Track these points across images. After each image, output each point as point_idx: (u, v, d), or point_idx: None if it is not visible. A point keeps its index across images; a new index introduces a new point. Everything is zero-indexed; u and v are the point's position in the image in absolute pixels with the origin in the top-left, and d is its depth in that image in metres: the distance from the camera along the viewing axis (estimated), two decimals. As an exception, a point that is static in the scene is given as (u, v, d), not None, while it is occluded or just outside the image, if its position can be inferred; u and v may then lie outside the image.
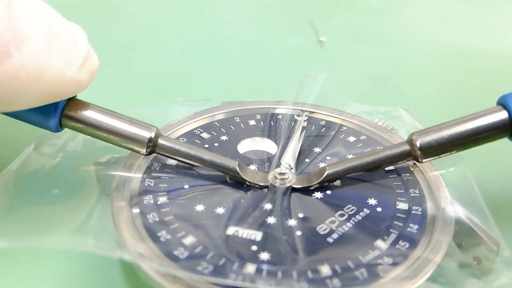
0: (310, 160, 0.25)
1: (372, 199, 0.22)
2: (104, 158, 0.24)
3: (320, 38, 0.42)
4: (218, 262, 0.19)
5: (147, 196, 0.22)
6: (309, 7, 0.48)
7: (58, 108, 0.22)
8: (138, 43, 0.41)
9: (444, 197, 0.22)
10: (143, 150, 0.23)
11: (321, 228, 0.21)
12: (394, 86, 0.37)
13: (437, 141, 0.22)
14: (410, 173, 0.24)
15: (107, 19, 0.44)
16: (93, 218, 0.21)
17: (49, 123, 0.22)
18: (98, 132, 0.22)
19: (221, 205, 0.22)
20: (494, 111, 0.22)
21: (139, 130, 0.23)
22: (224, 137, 0.26)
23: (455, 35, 0.43)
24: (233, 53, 0.40)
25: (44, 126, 0.23)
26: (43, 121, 0.22)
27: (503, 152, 0.27)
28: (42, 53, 0.19)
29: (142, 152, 0.23)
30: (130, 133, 0.22)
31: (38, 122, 0.22)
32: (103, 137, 0.23)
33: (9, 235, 0.21)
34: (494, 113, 0.22)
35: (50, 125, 0.22)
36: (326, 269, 0.19)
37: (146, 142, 0.23)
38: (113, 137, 0.22)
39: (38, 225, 0.21)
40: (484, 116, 0.22)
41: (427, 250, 0.20)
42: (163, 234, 0.20)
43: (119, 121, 0.23)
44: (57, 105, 0.22)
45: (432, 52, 0.41)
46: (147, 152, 0.23)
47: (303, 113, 0.28)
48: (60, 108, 0.22)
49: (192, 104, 0.28)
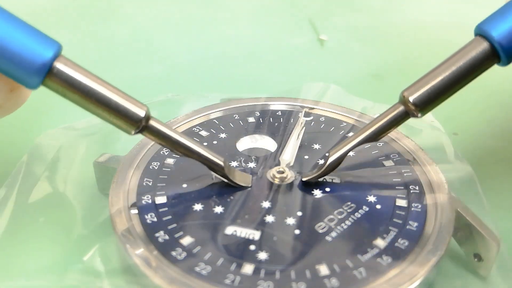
0: (310, 157, 0.24)
1: (372, 196, 0.22)
2: (103, 158, 0.24)
3: (320, 37, 0.42)
4: (216, 262, 0.19)
5: (145, 196, 0.22)
6: (309, 6, 0.47)
7: (45, 62, 0.19)
8: (138, 43, 0.41)
9: (444, 194, 0.22)
10: (132, 129, 0.20)
11: (320, 226, 0.21)
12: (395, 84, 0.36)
13: (429, 92, 0.21)
14: (410, 169, 0.23)
15: (107, 19, 0.44)
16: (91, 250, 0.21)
17: (30, 79, 0.19)
18: (84, 101, 0.20)
19: (219, 204, 0.22)
20: (475, 44, 0.21)
21: (131, 106, 0.20)
22: (223, 135, 0.26)
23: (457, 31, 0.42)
24: (233, 53, 0.40)
25: (23, 81, 0.19)
26: (23, 75, 0.19)
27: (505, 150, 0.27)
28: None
29: (129, 132, 0.20)
30: (122, 107, 0.20)
31: (17, 74, 0.19)
32: (88, 108, 0.20)
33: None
34: (475, 46, 0.21)
35: (30, 81, 0.19)
36: (324, 269, 0.19)
37: (137, 121, 0.20)
38: (100, 109, 0.20)
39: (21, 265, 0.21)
40: (466, 53, 0.21)
41: (426, 248, 0.20)
42: (161, 234, 0.20)
43: (111, 92, 0.20)
44: (45, 59, 0.19)
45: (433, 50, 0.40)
46: (135, 132, 0.20)
47: (303, 109, 0.27)
48: (48, 63, 0.19)
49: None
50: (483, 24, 0.21)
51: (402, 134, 0.25)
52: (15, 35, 0.19)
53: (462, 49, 0.21)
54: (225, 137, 0.25)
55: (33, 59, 0.19)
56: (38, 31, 0.19)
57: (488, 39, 0.21)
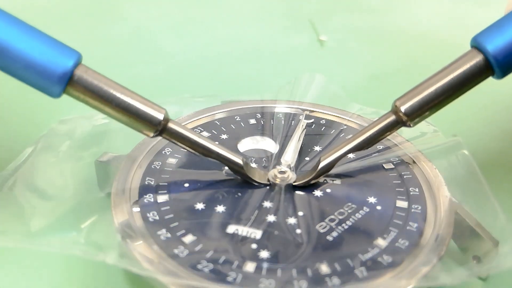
0: (310, 158, 0.25)
1: (372, 198, 0.22)
2: (105, 157, 0.24)
3: (320, 38, 0.42)
4: (218, 260, 0.19)
5: (147, 195, 0.22)
6: (309, 7, 0.48)
7: (66, 71, 0.20)
8: (138, 43, 0.41)
9: (443, 196, 0.22)
10: (151, 132, 0.21)
11: (321, 226, 0.21)
12: (395, 85, 0.36)
13: (420, 103, 0.21)
14: (409, 171, 0.24)
15: (106, 18, 0.44)
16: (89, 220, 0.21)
17: (52, 88, 0.20)
18: (105, 107, 0.21)
19: (221, 203, 0.22)
20: (470, 56, 0.21)
21: (150, 109, 0.21)
22: (224, 136, 0.26)
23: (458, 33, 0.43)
24: (233, 53, 0.40)
25: (45, 90, 0.20)
26: (46, 84, 0.20)
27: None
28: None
29: (148, 134, 0.21)
30: (141, 111, 0.21)
31: (40, 84, 0.20)
32: (109, 113, 0.21)
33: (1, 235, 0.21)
34: (470, 59, 0.21)
35: (53, 90, 0.20)
36: (325, 267, 0.19)
37: (157, 123, 0.21)
38: (121, 114, 0.21)
39: (29, 226, 0.21)
40: (461, 64, 0.21)
41: (426, 249, 0.20)
42: (163, 232, 0.20)
43: (130, 97, 0.21)
44: (66, 68, 0.20)
45: (434, 50, 0.41)
46: (154, 135, 0.21)
47: (304, 112, 0.28)
48: (69, 71, 0.20)
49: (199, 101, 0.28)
50: (478, 37, 0.21)
51: (402, 137, 0.25)
52: (37, 46, 0.20)
53: (457, 60, 0.22)
54: (226, 138, 0.26)
55: (55, 69, 0.20)
56: (57, 41, 0.20)
57: (483, 52, 0.21)
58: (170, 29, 0.43)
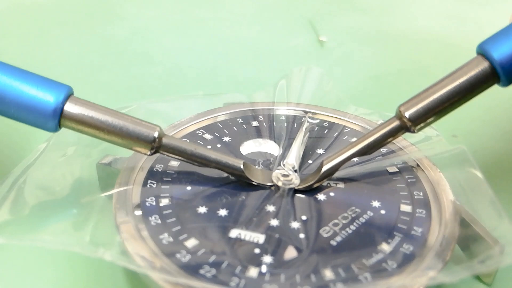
0: (313, 161, 0.24)
1: (376, 202, 0.22)
2: (106, 159, 0.24)
3: (320, 38, 0.42)
4: (221, 265, 0.19)
5: (149, 198, 0.22)
6: (309, 7, 0.48)
7: (57, 107, 0.21)
8: (138, 43, 0.41)
9: (448, 199, 0.22)
10: (147, 150, 0.22)
11: (325, 230, 0.21)
12: (395, 86, 0.36)
13: (425, 109, 0.21)
14: (414, 175, 0.23)
15: (106, 19, 0.44)
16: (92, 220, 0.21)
17: (47, 124, 0.21)
18: (99, 133, 0.22)
19: (224, 207, 0.22)
20: (475, 63, 0.21)
21: (142, 129, 0.22)
22: (227, 138, 0.26)
23: (457, 34, 0.43)
24: (233, 53, 0.40)
25: (42, 127, 0.21)
26: (41, 122, 0.21)
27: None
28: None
29: (146, 153, 0.22)
30: (134, 133, 0.21)
31: (35, 122, 0.21)
32: (105, 138, 0.22)
33: (6, 232, 0.21)
34: (476, 65, 0.21)
35: (49, 126, 0.21)
36: (329, 273, 0.19)
37: (151, 142, 0.22)
38: (115, 138, 0.22)
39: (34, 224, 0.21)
40: (467, 71, 0.21)
41: (431, 253, 0.20)
42: (165, 236, 0.20)
43: (121, 121, 0.21)
44: (56, 104, 0.21)
45: (434, 51, 0.40)
46: (151, 153, 0.22)
47: (306, 114, 0.27)
48: (59, 107, 0.21)
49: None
50: (485, 44, 0.21)
51: (407, 141, 0.25)
52: (27, 89, 0.21)
53: (462, 67, 0.21)
54: (228, 141, 0.25)
55: (46, 108, 0.21)
56: (46, 79, 0.21)
57: (489, 60, 0.21)
58: (169, 29, 0.43)
